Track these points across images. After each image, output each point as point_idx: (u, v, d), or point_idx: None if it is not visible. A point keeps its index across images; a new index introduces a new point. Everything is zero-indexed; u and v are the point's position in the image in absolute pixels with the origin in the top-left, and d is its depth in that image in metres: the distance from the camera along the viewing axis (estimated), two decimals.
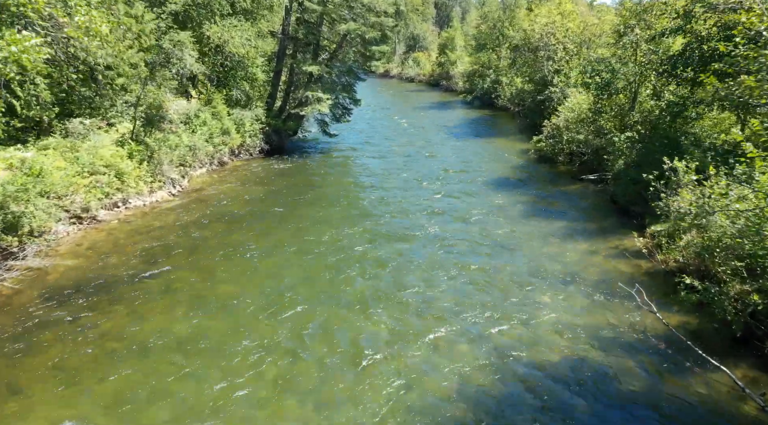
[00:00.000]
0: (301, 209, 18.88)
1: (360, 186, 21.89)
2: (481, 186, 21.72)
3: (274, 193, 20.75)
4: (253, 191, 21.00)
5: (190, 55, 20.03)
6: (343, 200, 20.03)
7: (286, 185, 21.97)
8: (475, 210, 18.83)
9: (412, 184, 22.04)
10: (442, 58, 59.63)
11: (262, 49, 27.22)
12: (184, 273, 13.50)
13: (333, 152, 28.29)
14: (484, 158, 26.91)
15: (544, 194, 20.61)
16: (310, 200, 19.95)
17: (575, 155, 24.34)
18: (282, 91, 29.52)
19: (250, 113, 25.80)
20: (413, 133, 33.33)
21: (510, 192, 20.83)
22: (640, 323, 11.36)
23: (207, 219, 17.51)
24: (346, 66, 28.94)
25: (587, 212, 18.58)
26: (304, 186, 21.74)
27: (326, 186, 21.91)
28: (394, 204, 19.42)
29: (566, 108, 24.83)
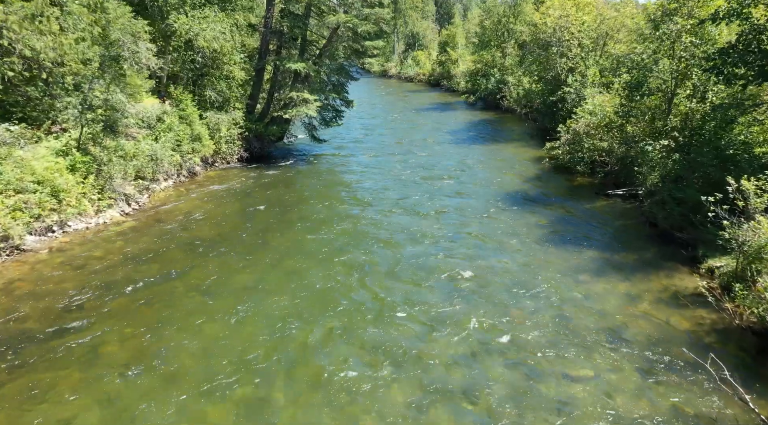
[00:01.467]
0: (281, 233, 15.79)
1: (351, 204, 18.79)
2: (489, 203, 18.63)
3: (251, 212, 17.66)
4: (226, 208, 17.92)
5: (147, 48, 16.92)
6: (331, 222, 16.92)
7: (265, 200, 18.89)
8: (484, 235, 15.74)
9: (410, 200, 18.95)
10: (443, 56, 56.56)
11: (241, 44, 24.14)
12: (114, 340, 10.38)
13: (322, 159, 25.21)
14: (492, 167, 23.82)
15: (565, 214, 17.52)
16: (293, 221, 16.86)
17: (597, 165, 21.26)
18: (266, 92, 26.48)
19: (226, 116, 22.72)
20: (412, 138, 30.24)
21: (523, 211, 17.74)
22: (723, 414, 8.26)
23: (163, 247, 14.43)
24: (336, 63, 25.87)
25: (620, 238, 15.49)
26: (287, 203, 18.65)
27: (312, 203, 18.82)
28: (390, 228, 16.33)
29: (585, 111, 21.76)
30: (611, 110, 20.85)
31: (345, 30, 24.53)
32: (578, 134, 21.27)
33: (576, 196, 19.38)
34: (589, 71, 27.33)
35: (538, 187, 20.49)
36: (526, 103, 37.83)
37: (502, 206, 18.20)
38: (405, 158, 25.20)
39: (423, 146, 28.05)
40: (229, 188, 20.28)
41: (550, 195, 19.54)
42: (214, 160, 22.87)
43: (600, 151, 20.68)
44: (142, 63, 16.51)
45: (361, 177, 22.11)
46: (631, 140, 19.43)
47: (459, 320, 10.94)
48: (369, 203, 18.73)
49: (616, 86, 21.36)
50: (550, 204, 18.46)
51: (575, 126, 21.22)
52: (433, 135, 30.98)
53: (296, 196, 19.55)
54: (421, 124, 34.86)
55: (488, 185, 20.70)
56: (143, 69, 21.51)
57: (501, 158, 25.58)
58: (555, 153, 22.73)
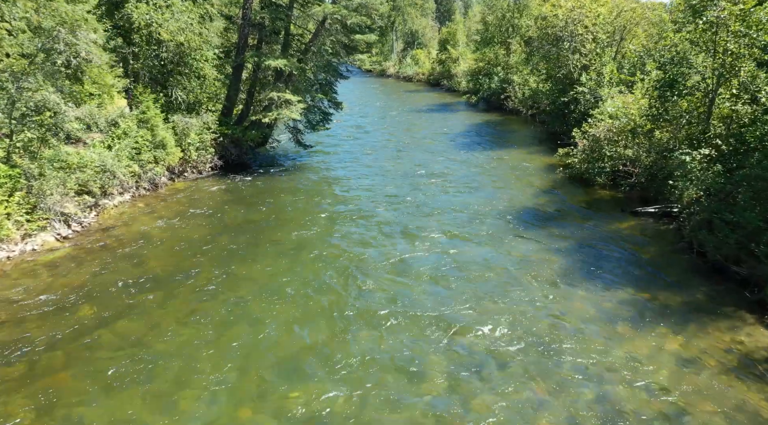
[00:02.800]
0: (249, 264, 13.03)
1: (335, 224, 16.04)
2: (497, 222, 15.88)
3: (218, 234, 14.88)
4: (188, 228, 15.17)
5: (92, 40, 14.17)
6: (310, 249, 14.18)
7: (237, 219, 16.15)
8: (493, 264, 13.00)
9: (405, 218, 16.20)
10: (443, 55, 53.80)
11: (214, 38, 21.39)
12: None
13: (307, 169, 22.45)
14: (499, 177, 21.07)
15: (587, 237, 14.75)
16: (265, 248, 14.09)
17: (619, 176, 18.50)
18: (245, 93, 23.74)
19: (196, 119, 19.97)
20: (410, 143, 27.49)
21: (537, 233, 14.99)
22: None
23: (98, 285, 11.68)
24: (324, 60, 23.12)
25: (660, 271, 12.71)
26: (261, 222, 15.91)
27: (290, 223, 16.06)
28: (382, 259, 13.57)
29: (605, 114, 19.00)
30: (636, 113, 18.10)
31: (333, 22, 21.78)
32: (598, 141, 18.52)
33: (598, 213, 16.62)
34: (605, 69, 24.59)
35: (552, 202, 17.72)
36: (533, 104, 35.17)
37: (512, 227, 15.44)
38: (400, 167, 22.45)
39: (420, 152, 25.28)
40: (196, 203, 17.53)
41: (566, 212, 16.78)
42: (183, 169, 20.11)
43: (624, 160, 17.93)
44: (81, 58, 13.72)
45: (349, 190, 19.35)
46: (662, 148, 16.67)
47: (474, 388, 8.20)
48: (356, 221, 15.98)
49: (644, 85, 18.58)
50: (568, 224, 15.70)
51: (594, 131, 18.45)
52: (431, 140, 28.22)
53: (273, 214, 16.78)
54: (419, 127, 32.10)
55: (495, 200, 17.93)
56: (118, 65, 18.93)
57: (508, 166, 22.82)
58: (570, 161, 19.97)
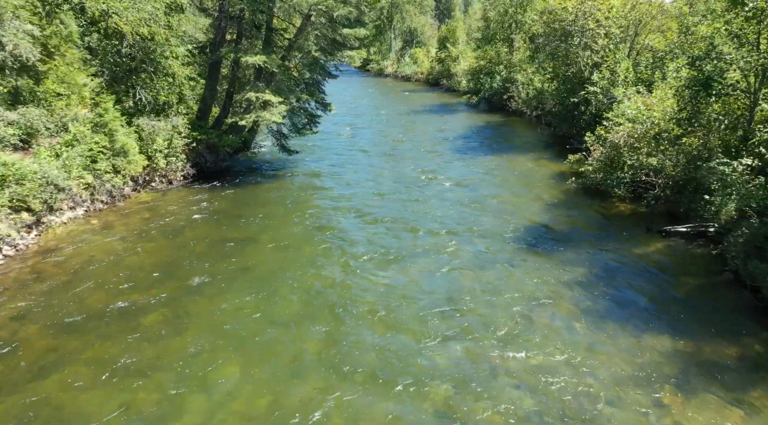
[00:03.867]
0: (214, 301, 10.87)
1: (319, 247, 13.87)
2: (501, 245, 13.71)
3: (177, 259, 12.72)
4: (147, 251, 13.02)
5: (23, 30, 11.99)
6: (288, 278, 12.02)
7: (205, 238, 14.00)
8: (498, 303, 10.82)
9: (396, 242, 14.03)
10: (443, 53, 51.59)
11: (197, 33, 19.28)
12: None
13: (291, 177, 20.27)
14: (503, 188, 18.90)
15: (610, 262, 12.56)
16: (238, 277, 11.92)
17: (640, 186, 16.33)
18: (223, 93, 21.60)
19: (164, 123, 17.79)
20: (405, 148, 25.31)
21: (549, 257, 12.82)
22: None
23: (25, 334, 9.52)
24: (309, 57, 20.94)
25: (704, 312, 10.51)
26: (234, 243, 13.74)
27: (268, 245, 13.87)
28: (368, 295, 11.40)
29: (625, 117, 16.81)
30: (660, 116, 15.93)
31: (318, 15, 19.60)
32: (617, 147, 16.33)
33: (619, 232, 14.42)
34: (619, 67, 22.42)
35: (564, 218, 15.53)
36: (537, 104, 32.97)
37: (519, 251, 13.26)
38: (393, 176, 20.27)
39: (416, 159, 23.11)
40: (161, 219, 15.36)
41: (582, 231, 14.59)
42: (150, 179, 17.94)
43: (646, 169, 15.75)
44: (8, 52, 11.55)
45: (335, 204, 17.17)
46: (692, 157, 14.49)
47: None
48: (340, 244, 13.81)
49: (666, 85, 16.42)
50: (584, 246, 13.52)
51: (613, 137, 16.25)
52: (429, 144, 26.05)
53: (246, 232, 14.60)
54: (417, 130, 29.91)
55: (499, 217, 15.75)
56: (90, 63, 16.75)
57: (513, 174, 20.64)
58: (583, 170, 17.79)
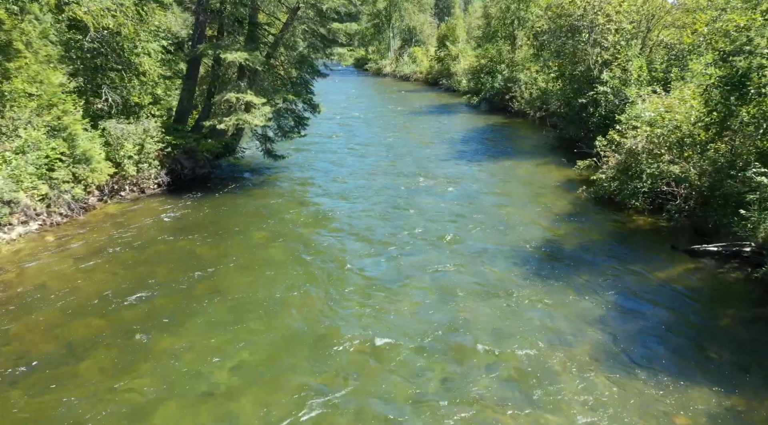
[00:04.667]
0: (174, 338, 9.24)
1: (301, 270, 12.24)
2: (505, 265, 12.08)
3: (142, 285, 11.07)
4: (104, 276, 11.39)
5: None
6: (261, 309, 10.40)
7: (173, 258, 12.38)
8: (503, 340, 9.19)
9: (391, 267, 12.41)
10: (442, 52, 49.94)
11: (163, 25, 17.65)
12: None
13: (277, 184, 18.63)
14: (505, 197, 17.26)
15: (632, 291, 10.91)
16: (204, 308, 10.29)
17: (663, 199, 14.70)
18: (204, 94, 19.99)
19: (135, 127, 16.17)
20: (402, 152, 23.67)
21: (562, 283, 11.18)
22: None
23: None
24: (297, 54, 19.33)
25: (751, 354, 8.87)
26: (205, 264, 12.12)
27: (242, 268, 12.22)
28: (354, 336, 9.78)
29: (643, 120, 15.17)
30: (683, 118, 14.29)
31: (307, 7, 17.96)
32: (634, 154, 14.69)
33: (639, 250, 12.78)
34: (631, 64, 20.78)
35: (576, 233, 13.88)
36: (541, 105, 31.35)
37: (527, 271, 11.63)
38: (389, 183, 18.64)
39: (413, 165, 21.47)
40: (126, 234, 13.74)
41: (598, 248, 12.95)
42: (119, 187, 16.32)
43: (668, 178, 14.12)
44: None
45: (323, 217, 15.55)
46: (721, 165, 12.85)
47: None
48: (325, 266, 12.19)
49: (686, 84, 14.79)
50: (601, 267, 11.87)
51: (630, 142, 14.60)
52: (428, 147, 24.41)
53: (220, 251, 12.96)
54: (414, 132, 28.28)
55: (503, 231, 14.12)
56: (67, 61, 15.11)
57: (517, 181, 19.00)
58: (596, 178, 16.15)
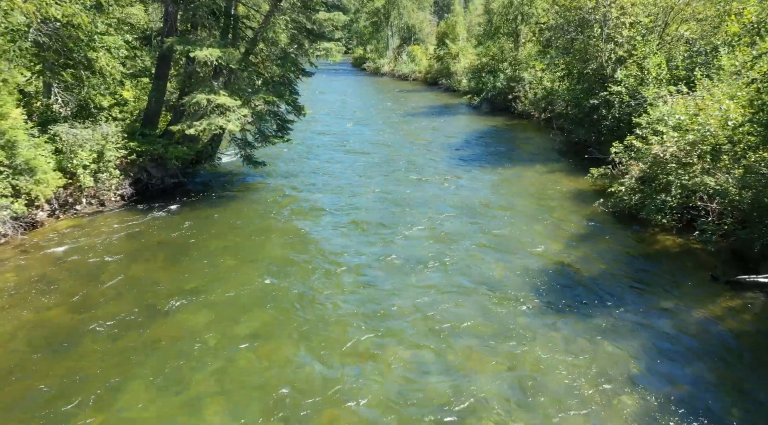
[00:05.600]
0: (118, 404, 7.34)
1: (279, 308, 10.35)
2: (515, 302, 10.18)
3: (84, 329, 9.18)
4: (39, 314, 9.47)
5: None
6: (223, 360, 8.50)
7: (130, 290, 10.46)
8: (516, 403, 7.29)
9: (380, 309, 10.51)
10: (442, 50, 48.03)
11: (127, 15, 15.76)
12: None
13: (258, 195, 16.71)
14: (511, 212, 15.33)
15: (672, 339, 8.99)
16: (151, 363, 8.38)
17: (692, 214, 12.78)
18: (177, 94, 18.08)
19: (92, 132, 14.26)
20: (398, 157, 21.76)
21: (585, 330, 9.28)
22: None
23: None
24: (279, 50, 17.40)
25: None
26: (159, 299, 10.22)
27: (204, 306, 10.32)
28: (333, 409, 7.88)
29: (668, 125, 13.23)
30: (717, 123, 12.36)
31: None
32: (661, 163, 12.76)
33: (671, 280, 10.84)
34: (649, 62, 18.85)
35: (595, 256, 11.93)
36: (547, 106, 29.47)
37: (540, 308, 9.72)
38: (381, 196, 16.73)
39: (408, 171, 19.55)
40: (74, 258, 11.85)
41: (621, 276, 11.01)
42: (74, 201, 14.41)
43: (701, 191, 12.20)
44: None
45: (303, 239, 13.63)
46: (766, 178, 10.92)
47: None
48: (298, 301, 10.28)
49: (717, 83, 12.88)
50: (628, 302, 9.93)
51: (656, 149, 12.65)
52: (426, 153, 22.49)
53: (184, 280, 11.04)
54: (411, 135, 26.36)
55: (510, 252, 12.20)
56: None
57: (523, 192, 17.07)
58: (614, 190, 14.22)
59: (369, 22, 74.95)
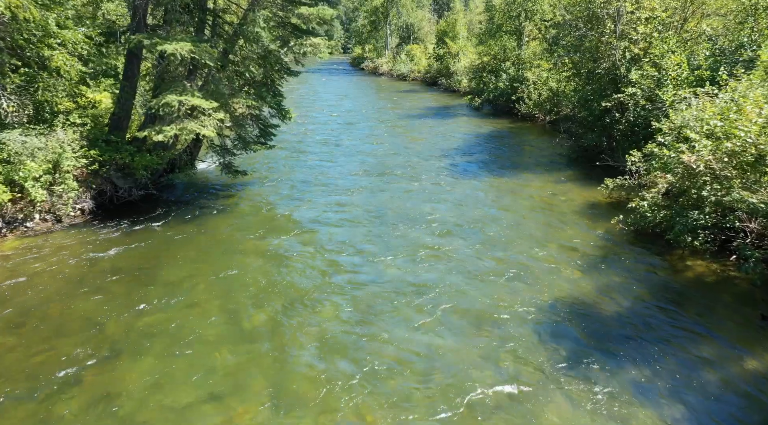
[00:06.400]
0: None
1: (255, 350, 8.71)
2: (526, 350, 8.54)
3: (17, 382, 7.57)
4: None
5: None
6: None
7: (66, 343, 8.77)
8: None
9: (368, 352, 8.87)
10: (441, 49, 46.40)
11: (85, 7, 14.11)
12: None
13: (233, 210, 15.05)
14: (518, 229, 13.67)
15: (719, 398, 7.36)
16: None
17: (728, 235, 11.13)
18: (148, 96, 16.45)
19: (44, 139, 12.63)
20: (391, 165, 20.13)
21: (614, 388, 7.64)
22: None
23: None
24: (260, 47, 15.73)
25: None
26: (120, 342, 8.60)
27: (165, 359, 8.71)
28: None
29: (702, 133, 11.55)
30: (759, 129, 10.69)
31: None
32: (693, 175, 11.11)
33: (711, 318, 9.17)
34: (667, 60, 17.20)
35: (617, 286, 10.26)
36: (552, 108, 27.85)
37: (554, 358, 8.08)
38: (371, 209, 15.08)
39: (405, 181, 17.91)
40: (16, 286, 10.20)
41: (649, 315, 9.33)
42: (25, 217, 12.77)
43: (742, 209, 10.54)
44: None
45: (285, 262, 11.98)
46: None
47: None
48: (271, 333, 8.64)
49: None
50: (660, 354, 8.26)
51: (688, 159, 10.97)
52: (423, 160, 20.83)
53: (131, 323, 9.40)
54: (408, 140, 24.72)
55: (519, 283, 10.55)
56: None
57: (530, 205, 15.41)
58: (636, 205, 12.56)
59: (368, 20, 73.41)
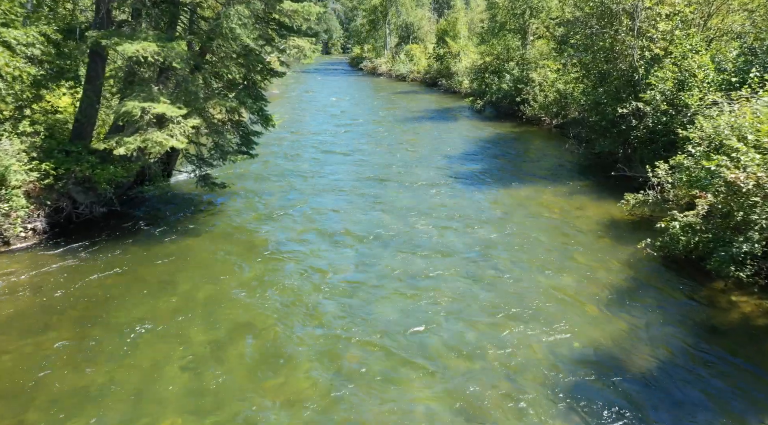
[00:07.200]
0: None
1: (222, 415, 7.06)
2: (540, 417, 6.89)
3: None
4: None
5: None
6: None
7: (18, 384, 7.16)
8: None
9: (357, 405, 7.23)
10: (441, 49, 44.75)
11: None
12: None
13: (209, 229, 13.38)
14: (527, 254, 12.01)
15: None
16: None
17: None
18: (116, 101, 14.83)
19: None
20: (387, 174, 18.49)
21: None
22: None
23: None
24: (239, 45, 14.06)
25: None
26: (66, 396, 6.94)
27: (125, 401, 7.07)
28: None
29: (749, 144, 9.89)
30: None
31: None
32: (737, 193, 9.46)
33: (759, 371, 7.57)
34: (688, 62, 15.56)
35: (645, 329, 8.61)
36: (559, 111, 26.25)
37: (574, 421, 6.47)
38: (362, 230, 13.45)
39: (400, 193, 16.27)
40: None
41: (686, 370, 7.68)
42: None
43: None
44: None
45: (265, 293, 10.33)
46: None
47: None
48: (241, 388, 7.00)
49: None
50: (709, 418, 6.67)
51: (733, 176, 9.32)
52: (422, 169, 19.18)
53: (79, 367, 7.77)
54: (405, 145, 23.09)
55: (526, 321, 8.92)
56: None
57: (540, 223, 13.74)
58: (668, 227, 10.92)
59: (366, 20, 71.86)
